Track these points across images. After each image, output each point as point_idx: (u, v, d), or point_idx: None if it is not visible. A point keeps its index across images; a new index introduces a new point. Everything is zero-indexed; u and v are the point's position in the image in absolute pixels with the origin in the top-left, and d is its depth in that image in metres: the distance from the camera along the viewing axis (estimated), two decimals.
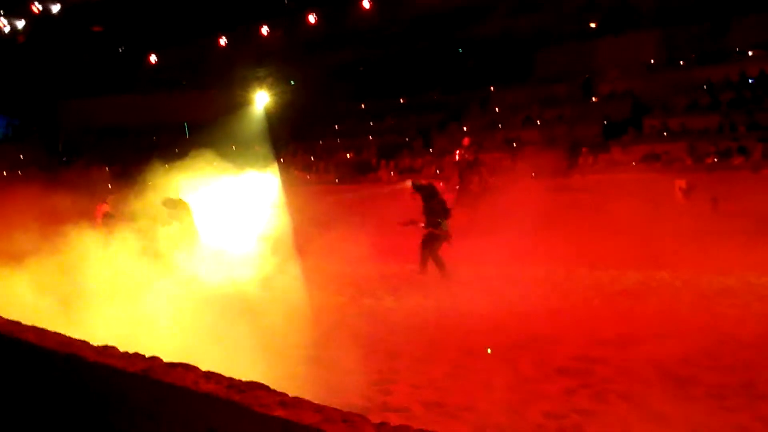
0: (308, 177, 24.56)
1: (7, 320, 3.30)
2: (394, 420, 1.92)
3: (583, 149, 19.63)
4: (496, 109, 24.28)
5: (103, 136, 27.90)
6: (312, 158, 26.00)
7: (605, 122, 20.72)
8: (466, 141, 17.57)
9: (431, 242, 10.89)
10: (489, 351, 6.54)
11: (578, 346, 6.82)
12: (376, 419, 2.01)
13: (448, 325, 7.86)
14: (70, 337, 2.84)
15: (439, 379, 6.08)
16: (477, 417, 5.20)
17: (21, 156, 28.34)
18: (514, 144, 21.47)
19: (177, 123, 27.09)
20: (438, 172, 21.67)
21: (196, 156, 24.07)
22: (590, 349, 6.75)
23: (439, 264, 10.74)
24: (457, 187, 16.33)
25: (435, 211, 10.91)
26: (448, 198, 12.53)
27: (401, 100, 27.79)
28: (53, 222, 11.70)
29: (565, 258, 10.83)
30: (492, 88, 25.11)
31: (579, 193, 16.18)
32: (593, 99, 22.32)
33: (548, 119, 22.20)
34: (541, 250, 11.01)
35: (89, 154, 25.45)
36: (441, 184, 15.49)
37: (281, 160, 26.15)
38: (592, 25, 22.80)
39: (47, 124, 29.90)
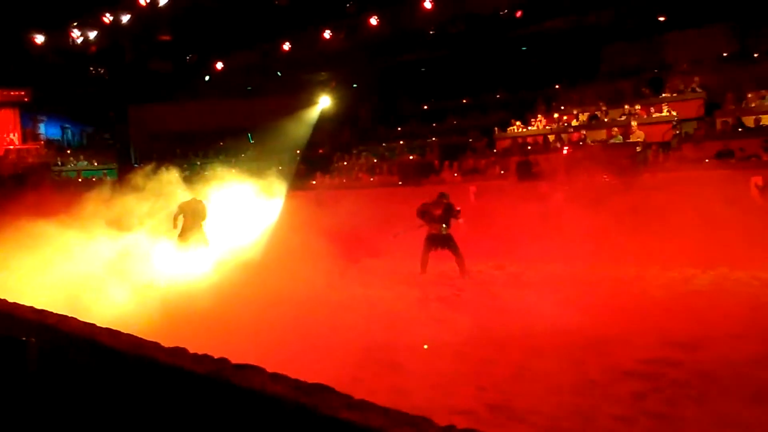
0: (372, 179, 24.56)
1: (84, 322, 3.41)
2: (460, 423, 1.91)
3: (653, 146, 19.07)
4: (562, 107, 23.88)
5: (171, 141, 28.60)
6: (375, 160, 26.02)
7: (675, 118, 20.13)
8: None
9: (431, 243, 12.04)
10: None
11: (649, 348, 6.68)
12: (441, 422, 2.00)
13: (513, 327, 7.77)
14: (142, 339, 2.93)
15: (504, 382, 6.02)
16: (544, 421, 5.11)
17: (95, 162, 29.23)
18: (581, 143, 21.06)
19: (242, 128, 27.56)
20: (501, 172, 21.44)
21: (258, 159, 24.68)
22: (661, 351, 6.60)
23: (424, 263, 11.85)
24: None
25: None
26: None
27: (464, 100, 27.63)
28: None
29: (636, 258, 10.66)
30: (557, 86, 24.74)
31: (649, 192, 15.75)
32: (663, 95, 21.70)
33: (616, 117, 21.66)
34: (611, 250, 10.82)
35: (158, 159, 26.07)
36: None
37: (345, 162, 26.38)
38: (661, 18, 22.17)
39: (118, 131, 30.69)
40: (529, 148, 22.01)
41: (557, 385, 5.80)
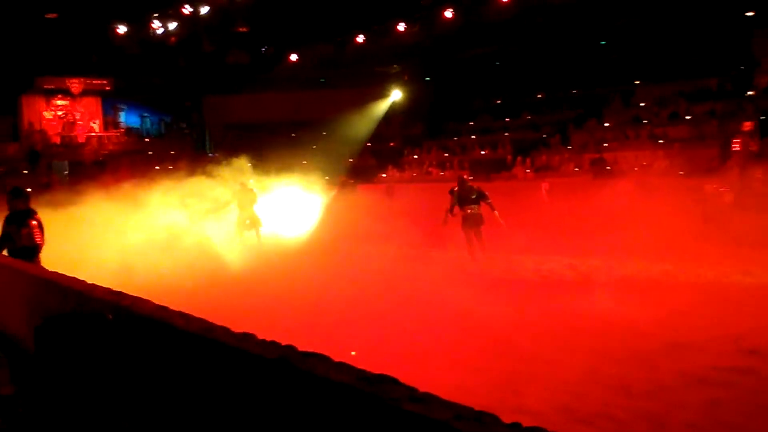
0: (442, 173, 24.59)
1: (157, 305, 3.51)
2: (526, 422, 1.87)
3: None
4: (641, 104, 23.28)
5: (244, 131, 29.08)
6: (446, 154, 25.96)
7: (762, 117, 19.29)
8: (747, 126, 16.03)
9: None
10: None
11: (724, 355, 6.45)
12: (507, 420, 1.96)
13: (583, 328, 7.62)
14: (213, 324, 2.99)
15: (572, 383, 5.90)
16: (613, 425, 5.01)
17: (171, 151, 29.89)
18: (660, 141, 20.49)
19: (313, 119, 27.87)
20: (576, 169, 21.09)
21: (329, 151, 24.92)
22: (737, 358, 6.37)
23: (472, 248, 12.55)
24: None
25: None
26: None
27: (538, 96, 27.25)
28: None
29: (716, 262, 10.29)
30: (636, 81, 24.10)
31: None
32: (748, 93, 20.86)
33: (698, 114, 20.98)
34: (691, 252, 10.50)
35: (231, 148, 26.58)
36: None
37: (415, 156, 26.43)
38: (749, 14, 21.29)
39: (195, 121, 31.53)
40: (605, 145, 21.57)
41: (628, 389, 5.69)
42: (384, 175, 25.13)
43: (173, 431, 3.18)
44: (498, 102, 28.22)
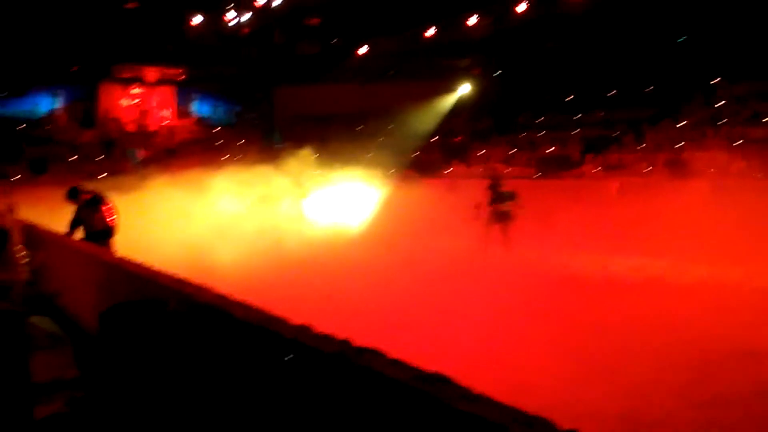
0: (508, 169, 24.26)
1: (217, 294, 3.62)
2: (585, 428, 1.85)
3: None
4: (721, 103, 22.47)
5: (313, 122, 29.19)
6: (513, 150, 25.66)
7: None
8: None
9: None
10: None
11: None
12: (565, 425, 1.94)
13: (648, 333, 7.43)
14: (271, 315, 3.06)
15: (634, 390, 5.78)
16: None
17: (241, 140, 30.13)
18: (738, 141, 19.76)
19: (381, 112, 27.77)
20: (649, 168, 20.57)
21: (395, 144, 25.05)
22: None
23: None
24: None
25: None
26: None
27: (612, 92, 26.57)
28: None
29: None
30: (717, 80, 23.23)
31: None
32: None
33: None
34: (763, 257, 10.02)
35: (299, 138, 26.89)
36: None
37: (483, 151, 26.18)
38: None
39: (264, 111, 31.84)
40: (680, 144, 20.95)
41: (692, 398, 5.57)
42: (449, 170, 24.87)
43: (227, 418, 3.23)
44: (569, 98, 27.62)
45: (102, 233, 9.55)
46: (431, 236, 14.21)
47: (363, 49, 28.07)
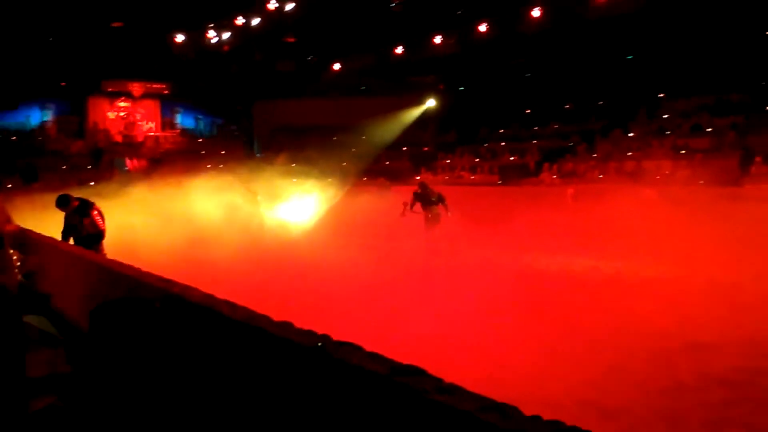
0: (472, 177, 24.46)
1: (204, 294, 3.54)
2: (548, 415, 1.87)
3: (757, 158, 17.93)
4: (665, 116, 22.87)
5: (290, 134, 29.11)
6: (477, 159, 25.83)
7: None
8: None
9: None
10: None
11: (742, 357, 6.35)
12: (530, 413, 1.93)
13: (606, 326, 7.46)
14: (255, 312, 3.01)
15: (594, 380, 5.82)
16: (633, 420, 4.96)
17: (223, 151, 29.86)
18: (683, 151, 20.09)
19: (354, 124, 27.68)
20: (600, 176, 20.83)
21: (367, 154, 25.14)
22: (755, 360, 6.26)
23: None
24: None
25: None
26: None
27: (566, 106, 26.93)
28: None
29: (735, 267, 10.00)
30: (661, 95, 23.68)
31: (753, 203, 14.82)
32: None
33: (719, 127, 20.53)
34: (711, 258, 10.20)
35: (277, 149, 26.81)
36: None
37: (448, 161, 26.32)
38: None
39: (244, 124, 31.77)
40: (630, 154, 21.23)
41: (649, 387, 5.63)
42: (418, 178, 24.92)
43: (214, 413, 3.20)
44: (528, 111, 27.93)
45: (92, 237, 9.44)
46: (399, 237, 14.21)
47: (336, 66, 28.08)
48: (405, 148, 28.27)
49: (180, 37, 25.30)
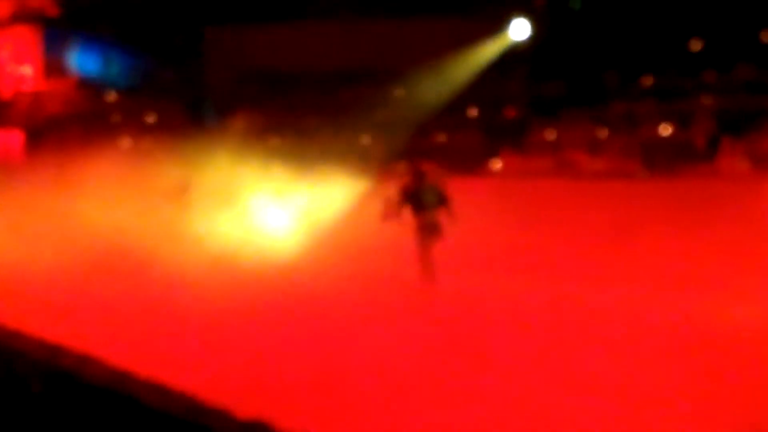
0: (593, 162, 24.35)
1: (113, 369, 3.98)
2: None
3: None
4: None
5: (268, 85, 29.40)
6: (601, 131, 25.65)
7: None
8: None
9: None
10: None
11: None
12: None
13: None
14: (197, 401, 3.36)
15: None
16: None
17: (150, 117, 30.46)
18: None
19: (377, 69, 27.96)
20: None
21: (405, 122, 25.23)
22: None
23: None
24: None
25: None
26: None
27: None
28: None
29: None
30: None
31: None
32: None
33: None
34: None
35: (246, 112, 26.79)
36: None
37: (548, 133, 26.17)
38: None
39: (189, 67, 31.76)
40: None
41: None
42: (497, 163, 25.12)
43: None
44: (693, 48, 27.49)
45: None
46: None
47: None
48: (474, 112, 28.35)
49: None
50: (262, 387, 8.40)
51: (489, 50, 28.49)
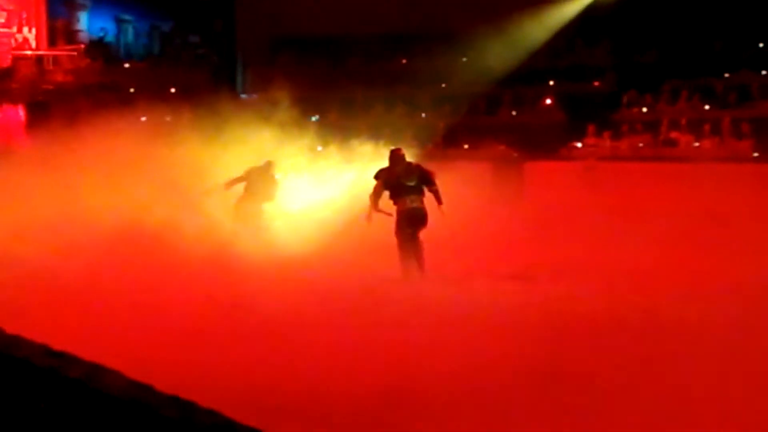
0: (696, 143, 24.01)
1: (131, 380, 4.15)
2: None
3: None
4: None
5: (311, 52, 29.82)
6: (706, 107, 24.94)
7: None
8: None
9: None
10: None
11: None
12: None
13: None
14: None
15: None
16: None
17: (172, 86, 30.12)
18: None
19: (435, 32, 27.81)
20: None
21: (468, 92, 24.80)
22: None
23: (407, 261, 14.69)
24: None
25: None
26: None
27: None
28: None
29: None
30: None
31: None
32: None
33: None
34: None
35: (281, 84, 26.25)
36: None
37: (644, 107, 25.83)
38: None
39: (218, 32, 32.08)
40: None
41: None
42: (579, 144, 24.83)
43: None
44: None
45: None
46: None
47: None
48: (552, 83, 27.85)
49: None
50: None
51: (569, 9, 28.23)
